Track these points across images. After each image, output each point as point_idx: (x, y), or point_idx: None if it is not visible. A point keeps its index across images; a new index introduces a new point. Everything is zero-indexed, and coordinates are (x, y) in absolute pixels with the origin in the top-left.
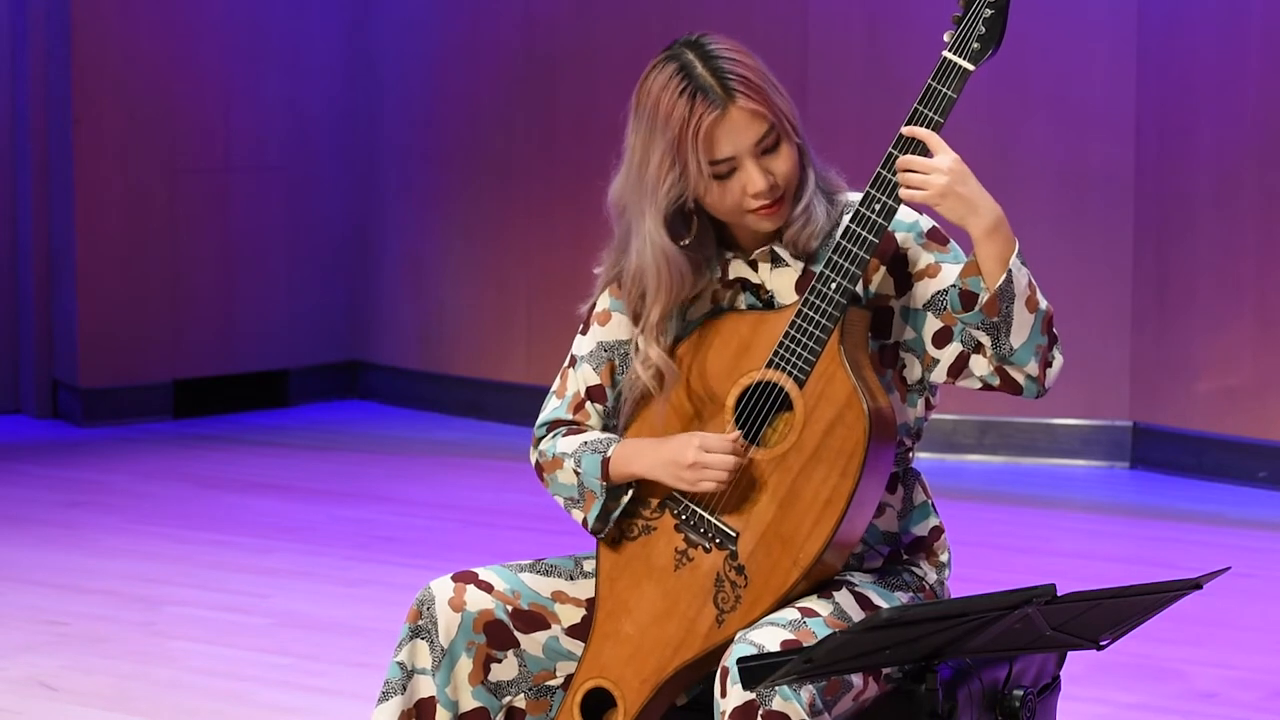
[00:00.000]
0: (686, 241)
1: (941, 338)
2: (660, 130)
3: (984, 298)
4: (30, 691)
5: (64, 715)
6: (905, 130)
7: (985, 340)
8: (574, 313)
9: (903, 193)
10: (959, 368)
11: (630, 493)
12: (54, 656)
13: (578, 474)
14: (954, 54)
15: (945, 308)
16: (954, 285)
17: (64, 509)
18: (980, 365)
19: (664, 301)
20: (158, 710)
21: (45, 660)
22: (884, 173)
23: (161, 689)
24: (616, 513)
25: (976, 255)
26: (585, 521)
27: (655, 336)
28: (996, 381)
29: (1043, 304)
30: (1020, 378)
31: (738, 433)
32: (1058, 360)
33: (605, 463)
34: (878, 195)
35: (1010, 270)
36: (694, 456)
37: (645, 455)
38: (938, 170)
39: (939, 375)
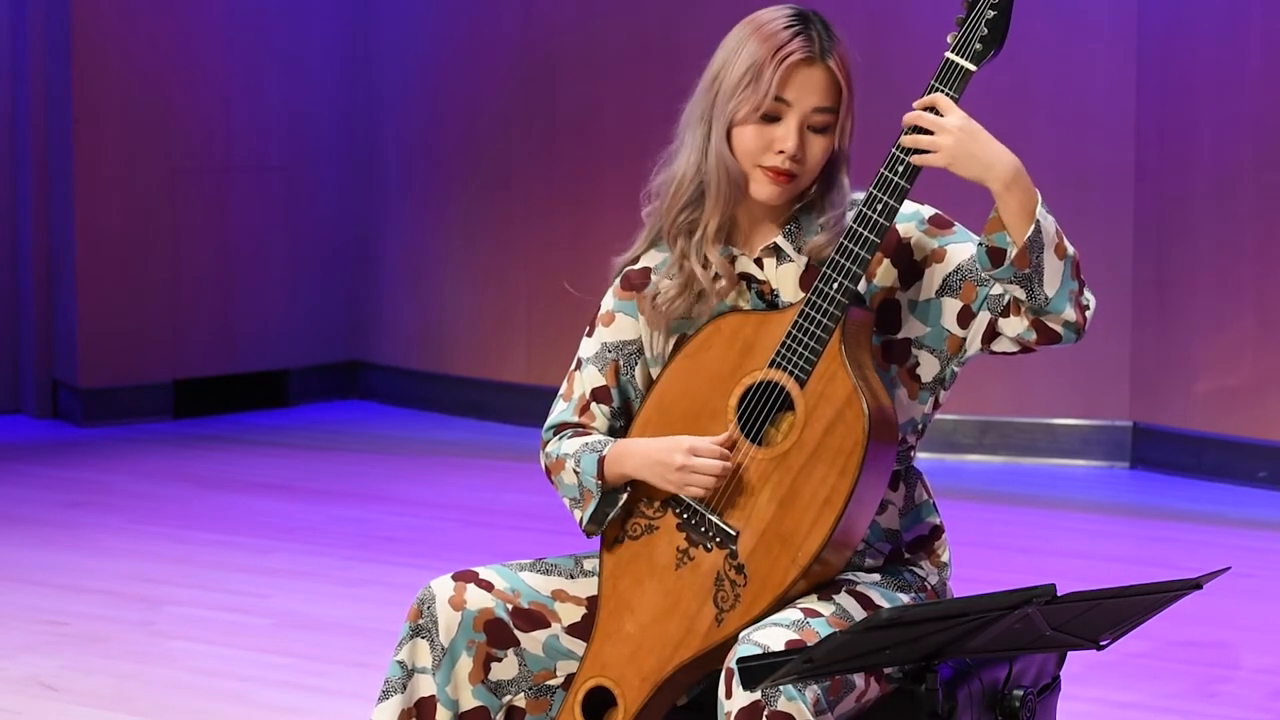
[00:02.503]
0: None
1: (965, 316)
2: (755, 44)
3: (1013, 251)
4: (30, 691)
5: (64, 715)
6: (917, 103)
7: (1020, 294)
8: (574, 312)
9: (914, 158)
10: (990, 335)
11: (625, 497)
12: (54, 656)
13: (577, 473)
14: (956, 54)
15: (960, 287)
16: (980, 243)
17: (64, 509)
18: (1012, 325)
19: (720, 211)
20: (158, 710)
21: (45, 660)
22: (886, 173)
23: (161, 689)
24: (611, 515)
25: (998, 210)
26: (581, 521)
27: (714, 245)
28: (1033, 336)
29: (1070, 249)
30: (1058, 326)
31: (725, 435)
32: (1092, 302)
33: (601, 461)
34: (880, 195)
35: (1038, 220)
36: (681, 460)
37: (635, 455)
38: (945, 130)
39: (973, 348)
